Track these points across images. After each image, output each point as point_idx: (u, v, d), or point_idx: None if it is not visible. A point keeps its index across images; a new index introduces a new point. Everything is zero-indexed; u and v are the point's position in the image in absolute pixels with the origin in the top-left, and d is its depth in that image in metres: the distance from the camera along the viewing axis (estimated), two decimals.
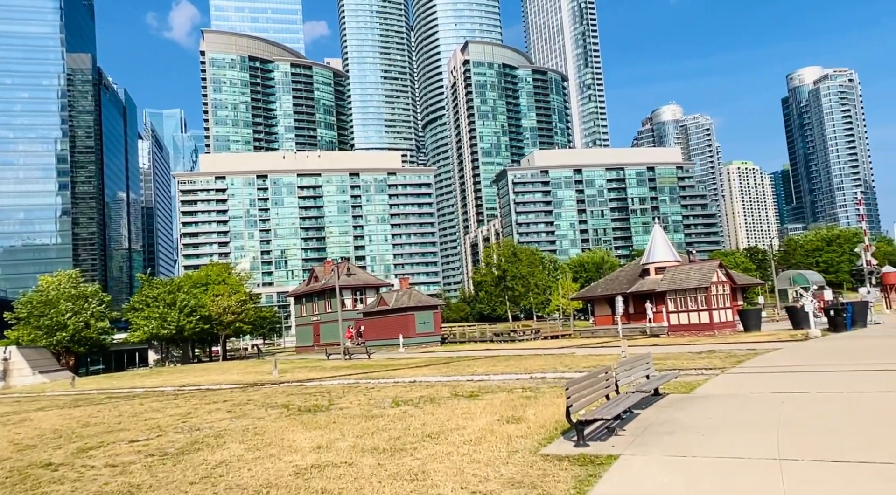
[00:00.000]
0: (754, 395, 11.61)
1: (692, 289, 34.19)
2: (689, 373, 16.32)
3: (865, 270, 38.05)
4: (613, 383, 10.48)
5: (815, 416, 9.14)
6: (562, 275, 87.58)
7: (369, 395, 16.50)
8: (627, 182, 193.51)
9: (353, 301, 56.49)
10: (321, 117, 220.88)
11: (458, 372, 22.65)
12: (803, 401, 10.53)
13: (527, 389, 15.47)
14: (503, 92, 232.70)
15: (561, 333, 48.17)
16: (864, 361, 15.91)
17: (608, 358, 23.16)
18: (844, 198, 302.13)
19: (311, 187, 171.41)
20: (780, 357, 19.28)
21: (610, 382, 10.29)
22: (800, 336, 26.62)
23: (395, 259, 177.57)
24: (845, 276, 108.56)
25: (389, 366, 29.39)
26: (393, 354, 40.86)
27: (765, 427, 8.59)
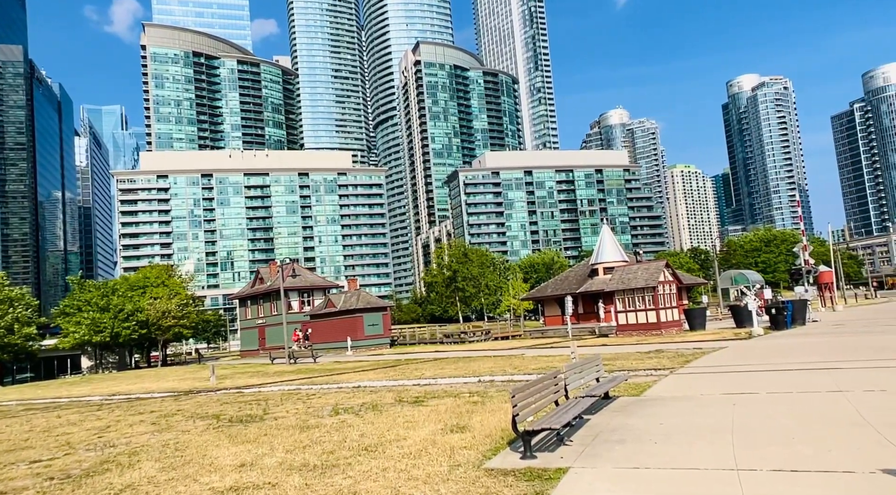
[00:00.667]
0: (705, 397, 11.30)
1: (640, 289, 34.42)
2: (638, 374, 16.04)
3: (803, 269, 39.24)
4: (563, 388, 9.95)
5: (769, 419, 8.82)
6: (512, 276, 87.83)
7: (309, 403, 15.58)
8: (576, 184, 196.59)
9: (300, 303, 54.96)
10: (269, 116, 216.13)
11: (405, 375, 21.90)
12: (754, 403, 10.25)
13: (474, 394, 14.86)
14: (455, 93, 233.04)
15: (511, 334, 47.98)
16: (808, 360, 15.96)
17: (558, 359, 22.85)
18: (780, 201, 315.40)
19: (258, 187, 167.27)
20: (726, 356, 19.30)
21: (559, 387, 9.75)
22: (743, 334, 26.98)
23: (346, 260, 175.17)
24: (782, 276, 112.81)
25: (335, 370, 28.39)
26: (340, 357, 39.73)
27: (719, 433, 8.19)
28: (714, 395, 11.44)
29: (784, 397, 10.63)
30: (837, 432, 7.73)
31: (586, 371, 11.45)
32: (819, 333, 24.84)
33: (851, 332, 24.05)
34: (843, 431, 7.76)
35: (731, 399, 10.80)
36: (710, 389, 12.29)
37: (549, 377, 9.53)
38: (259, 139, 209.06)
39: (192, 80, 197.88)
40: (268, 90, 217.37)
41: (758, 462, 6.60)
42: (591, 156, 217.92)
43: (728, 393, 11.44)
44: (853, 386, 11.12)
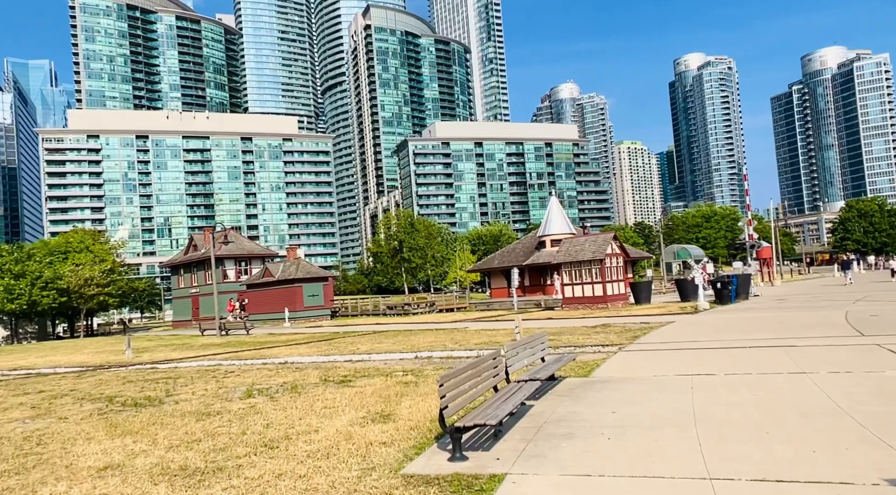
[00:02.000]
0: (659, 379, 10.23)
1: (587, 262, 33.73)
2: (585, 351, 15.00)
3: (747, 244, 39.46)
4: (503, 371, 8.63)
5: (733, 408, 7.73)
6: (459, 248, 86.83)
7: (222, 383, 13.88)
8: (526, 157, 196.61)
9: (237, 272, 52.37)
10: (211, 76, 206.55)
11: (339, 350, 20.38)
12: (713, 387, 9.20)
13: (408, 372, 13.49)
14: (405, 60, 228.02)
15: (456, 306, 46.98)
16: (760, 336, 15.25)
17: (502, 333, 21.76)
18: (721, 179, 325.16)
19: (198, 150, 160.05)
20: (674, 331, 18.56)
21: (499, 370, 8.42)
22: (689, 308, 26.57)
23: (291, 229, 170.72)
24: (721, 251, 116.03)
25: (266, 343, 26.59)
26: (277, 330, 37.82)
27: (681, 426, 7.03)
28: (668, 377, 10.38)
29: (745, 379, 9.64)
30: (815, 426, 6.67)
31: (530, 349, 10.19)
32: (764, 308, 24.57)
33: (795, 307, 23.84)
34: (821, 424, 6.71)
35: (688, 381, 9.75)
36: (662, 369, 11.25)
37: (487, 358, 8.17)
38: (200, 101, 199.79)
39: (126, 34, 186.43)
40: (209, 50, 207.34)
41: (732, 467, 5.41)
42: (542, 130, 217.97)
43: (683, 375, 10.41)
44: (815, 366, 10.25)
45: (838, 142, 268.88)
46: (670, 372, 10.85)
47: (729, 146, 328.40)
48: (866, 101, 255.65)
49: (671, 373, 10.67)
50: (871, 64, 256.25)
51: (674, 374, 10.55)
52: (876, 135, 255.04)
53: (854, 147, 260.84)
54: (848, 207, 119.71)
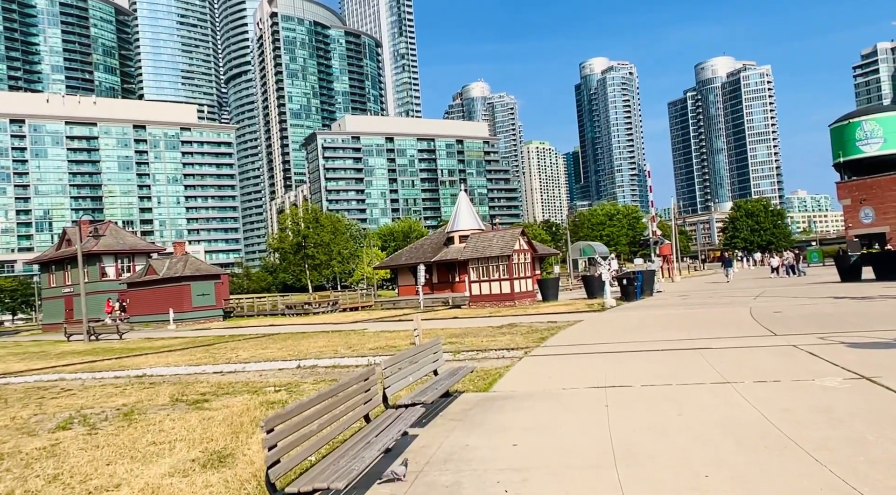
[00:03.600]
0: (568, 393, 8.75)
1: (495, 258, 32.59)
2: (488, 357, 13.46)
3: (651, 240, 39.91)
4: (379, 394, 6.79)
5: (658, 436, 6.29)
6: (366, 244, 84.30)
7: (44, 407, 11.18)
8: (438, 153, 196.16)
9: (117, 269, 47.50)
10: (100, 59, 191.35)
11: (215, 358, 17.83)
12: (631, 403, 7.79)
13: (281, 388, 11.40)
14: (314, 51, 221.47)
15: (361, 305, 44.77)
16: (671, 336, 14.31)
17: (401, 335, 19.97)
18: (623, 179, 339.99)
19: (83, 138, 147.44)
20: (583, 331, 17.45)
21: (372, 393, 6.57)
22: (596, 306, 25.88)
23: (190, 223, 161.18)
24: (624, 248, 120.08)
25: (136, 349, 23.40)
26: (157, 333, 34.14)
27: (597, 464, 5.46)
28: (579, 390, 8.93)
29: (664, 392, 8.32)
30: (762, 461, 5.28)
31: (419, 362, 8.41)
32: (670, 305, 24.20)
33: (700, 303, 23.59)
34: (767, 459, 5.33)
35: (602, 396, 8.31)
36: (572, 379, 9.82)
37: (355, 380, 6.29)
38: (87, 85, 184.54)
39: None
40: (97, 30, 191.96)
41: None
42: (453, 127, 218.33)
43: (596, 387, 8.99)
44: (737, 373, 9.13)
45: (727, 146, 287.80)
46: (581, 383, 9.42)
47: (630, 148, 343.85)
48: (751, 109, 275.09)
49: (582, 385, 9.23)
50: (755, 74, 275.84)
51: (585, 387, 9.12)
52: (759, 141, 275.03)
53: (741, 151, 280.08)
54: (737, 207, 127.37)
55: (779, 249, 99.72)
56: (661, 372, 9.77)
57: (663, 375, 9.52)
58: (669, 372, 9.78)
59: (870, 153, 70.43)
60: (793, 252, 45.15)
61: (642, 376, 9.57)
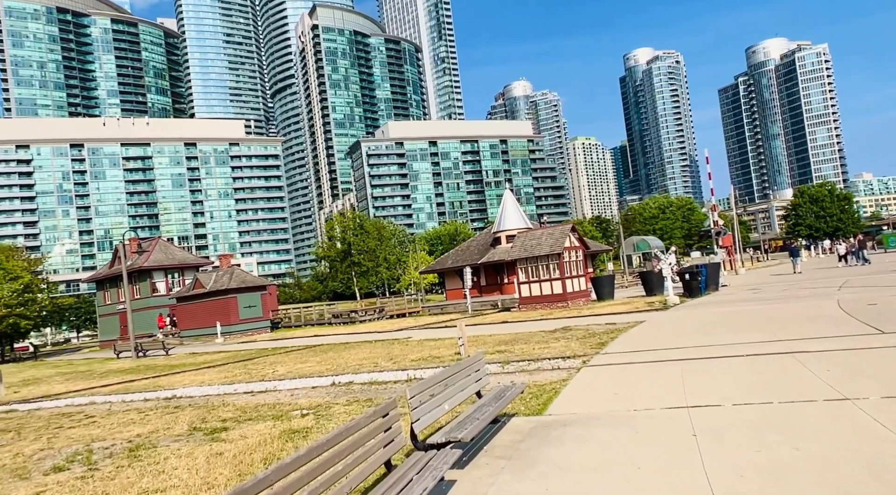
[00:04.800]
0: (641, 417, 7.14)
1: (544, 257, 30.85)
2: (541, 368, 11.92)
3: (713, 231, 37.28)
4: (403, 433, 5.39)
5: (779, 486, 4.66)
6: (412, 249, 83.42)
7: (55, 440, 10.26)
8: (482, 154, 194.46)
9: (167, 284, 47.88)
10: (151, 81, 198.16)
11: (249, 375, 16.85)
12: (728, 433, 6.15)
13: (310, 411, 10.17)
14: (355, 60, 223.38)
15: (408, 311, 43.66)
16: (751, 336, 12.42)
17: (447, 344, 18.57)
18: (673, 171, 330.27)
19: (139, 158, 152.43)
20: (646, 333, 15.65)
21: (393, 433, 5.17)
22: (658, 303, 23.86)
23: (242, 236, 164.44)
24: (678, 241, 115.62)
25: (177, 367, 22.79)
26: (204, 347, 33.82)
27: None
28: (654, 412, 7.31)
29: (766, 414, 6.63)
30: None
31: (457, 384, 6.97)
32: (742, 300, 22.00)
33: (776, 297, 21.32)
34: None
35: (685, 420, 6.69)
36: (644, 396, 8.19)
37: (369, 419, 4.91)
38: (141, 107, 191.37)
39: (57, 39, 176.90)
40: (148, 53, 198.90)
41: None
42: (496, 127, 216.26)
43: (675, 407, 7.35)
44: (855, 385, 7.34)
45: (783, 131, 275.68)
46: (655, 401, 7.79)
47: (680, 138, 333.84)
48: (808, 91, 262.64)
49: (657, 405, 7.61)
50: (811, 54, 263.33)
51: (661, 406, 7.49)
52: (819, 124, 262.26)
53: (799, 135, 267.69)
54: (800, 193, 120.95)
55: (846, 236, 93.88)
56: (753, 385, 8.04)
57: (758, 389, 7.79)
58: (764, 384, 8.04)
59: None
60: (856, 237, 41.58)
61: (731, 391, 7.87)
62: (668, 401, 7.71)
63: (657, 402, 7.74)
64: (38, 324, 52.59)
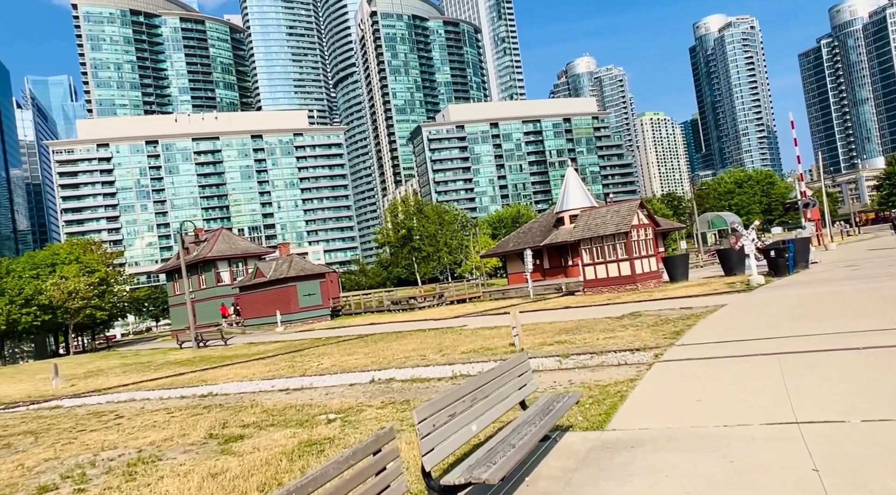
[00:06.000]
0: (736, 438, 5.46)
1: (610, 236, 28.75)
2: (605, 363, 10.28)
3: (800, 202, 33.84)
4: (403, 474, 3.99)
5: None
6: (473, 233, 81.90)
7: (66, 447, 9.50)
8: (544, 134, 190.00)
9: (231, 273, 48.49)
10: (219, 77, 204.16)
11: (293, 369, 15.97)
12: (863, 468, 4.43)
13: (339, 415, 9.00)
14: (414, 45, 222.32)
15: (468, 296, 42.39)
16: (863, 324, 10.33)
17: (502, 333, 17.10)
18: (750, 144, 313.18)
19: (209, 152, 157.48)
20: (730, 320, 13.66)
21: (389, 477, 3.78)
22: (739, 284, 21.49)
23: (308, 225, 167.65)
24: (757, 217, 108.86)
25: (231, 357, 22.40)
26: (264, 337, 33.72)
27: None
28: (752, 429, 5.60)
29: None
30: None
31: (490, 396, 5.50)
32: (839, 278, 19.39)
33: (880, 275, 18.60)
34: None
35: (797, 444, 4.98)
36: (735, 405, 6.47)
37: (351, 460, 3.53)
38: (210, 102, 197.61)
39: (131, 40, 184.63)
40: (216, 50, 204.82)
41: None
42: (559, 105, 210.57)
43: (780, 423, 5.62)
44: None
45: (874, 95, 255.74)
46: (751, 413, 6.07)
47: (756, 109, 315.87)
48: None
49: (755, 419, 5.89)
50: None
51: (761, 422, 5.77)
52: None
53: (891, 99, 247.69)
54: (893, 161, 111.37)
55: None
56: (883, 391, 6.18)
57: (891, 397, 5.93)
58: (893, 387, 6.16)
59: None
60: None
61: (853, 399, 6.05)
62: (769, 413, 5.97)
63: (755, 414, 6.01)
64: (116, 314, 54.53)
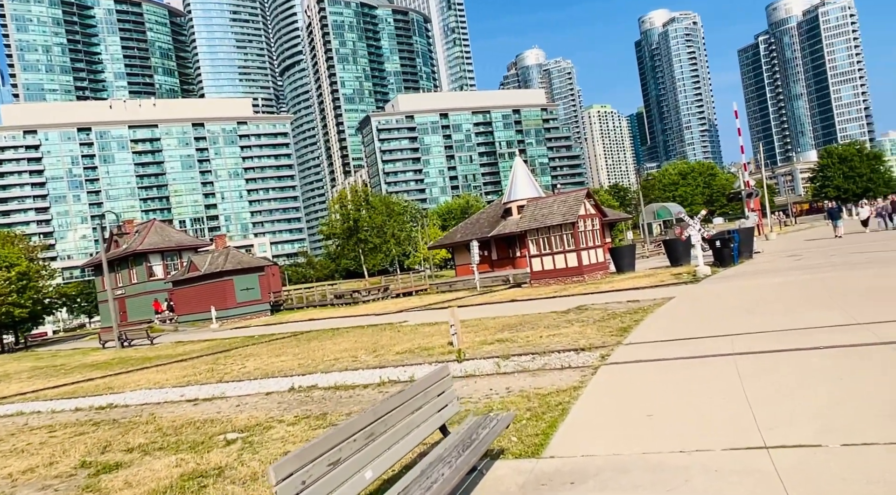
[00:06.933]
0: (698, 473, 4.48)
1: (557, 227, 28.05)
2: (547, 366, 9.29)
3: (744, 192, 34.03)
4: None
5: None
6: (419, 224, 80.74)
7: None
8: (494, 125, 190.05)
9: (165, 267, 45.88)
10: (158, 62, 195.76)
11: (212, 374, 14.47)
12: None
13: (239, 436, 7.70)
14: (363, 33, 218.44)
15: (415, 289, 41.23)
16: (819, 319, 9.68)
17: (443, 329, 16.02)
18: (692, 137, 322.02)
19: (147, 140, 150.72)
20: (679, 314, 12.93)
21: None
22: (686, 275, 21.03)
23: (254, 216, 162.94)
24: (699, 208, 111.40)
25: (151, 360, 20.60)
26: (196, 334, 31.74)
27: None
28: (715, 460, 4.63)
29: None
30: None
31: (398, 426, 4.34)
32: (784, 269, 19.09)
33: (826, 264, 18.38)
34: None
35: (774, 483, 4.02)
36: (693, 426, 5.52)
37: None
38: (148, 88, 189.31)
39: (61, 22, 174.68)
40: (154, 34, 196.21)
41: None
42: (508, 96, 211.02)
43: (746, 448, 4.68)
44: None
45: (807, 90, 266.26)
46: (712, 434, 5.12)
47: (699, 103, 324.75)
48: (833, 47, 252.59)
49: (717, 442, 4.93)
50: (835, 8, 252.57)
51: (724, 446, 4.81)
52: (844, 82, 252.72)
53: (823, 95, 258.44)
54: (827, 154, 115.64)
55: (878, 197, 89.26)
56: (858, 403, 5.32)
57: (869, 411, 5.07)
58: (875, 400, 5.31)
59: None
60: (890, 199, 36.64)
61: (827, 414, 5.16)
62: (732, 434, 5.03)
63: (716, 436, 5.06)
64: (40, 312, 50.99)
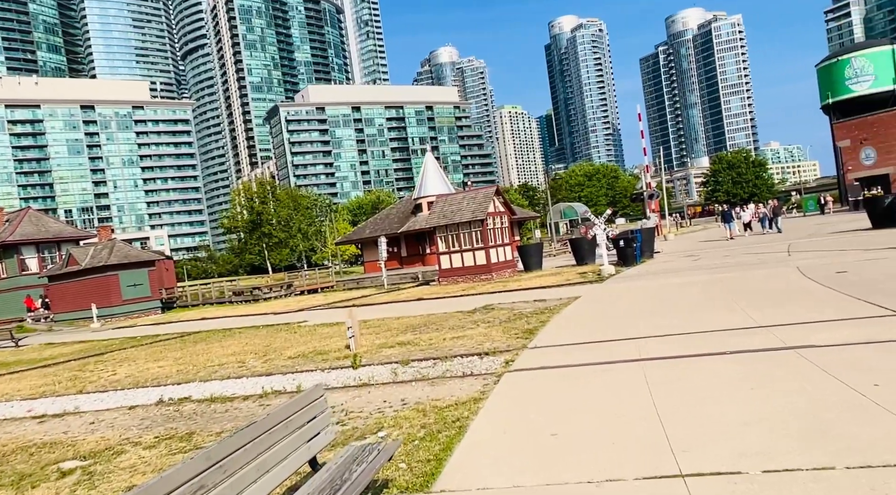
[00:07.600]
0: None
1: (466, 224, 27.63)
2: (448, 373, 8.59)
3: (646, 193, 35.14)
4: None
5: None
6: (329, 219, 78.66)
7: None
8: (407, 121, 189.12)
9: (40, 261, 41.65)
10: (41, 37, 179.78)
11: (75, 382, 12.75)
12: None
13: (81, 463, 6.45)
14: (272, 20, 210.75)
15: (321, 285, 39.71)
16: (723, 320, 9.60)
17: (342, 331, 14.99)
18: (597, 140, 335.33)
19: (27, 122, 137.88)
20: (585, 314, 12.66)
21: None
22: (591, 275, 21.13)
23: (150, 208, 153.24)
24: (603, 208, 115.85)
25: (11, 365, 18.24)
26: (75, 333, 28.80)
27: None
28: (627, 489, 4.04)
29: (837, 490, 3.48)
30: None
31: (252, 464, 3.42)
32: (683, 269, 19.52)
33: (721, 265, 18.94)
34: None
35: None
36: (600, 448, 4.94)
37: None
38: (30, 65, 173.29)
39: None
40: (37, 6, 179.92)
41: None
42: (422, 93, 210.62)
43: (659, 477, 4.12)
44: None
45: (701, 100, 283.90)
46: (622, 458, 4.55)
47: (604, 107, 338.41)
48: (724, 61, 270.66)
49: (628, 469, 4.35)
50: (726, 24, 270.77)
51: (636, 475, 4.23)
52: (733, 93, 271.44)
53: (715, 104, 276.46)
54: (717, 160, 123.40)
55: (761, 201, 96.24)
56: (772, 416, 4.93)
57: (785, 427, 4.67)
58: (787, 413, 4.94)
59: (861, 92, 66.15)
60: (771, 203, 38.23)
61: (740, 432, 4.72)
62: (644, 458, 4.48)
63: (627, 460, 4.48)
64: None
